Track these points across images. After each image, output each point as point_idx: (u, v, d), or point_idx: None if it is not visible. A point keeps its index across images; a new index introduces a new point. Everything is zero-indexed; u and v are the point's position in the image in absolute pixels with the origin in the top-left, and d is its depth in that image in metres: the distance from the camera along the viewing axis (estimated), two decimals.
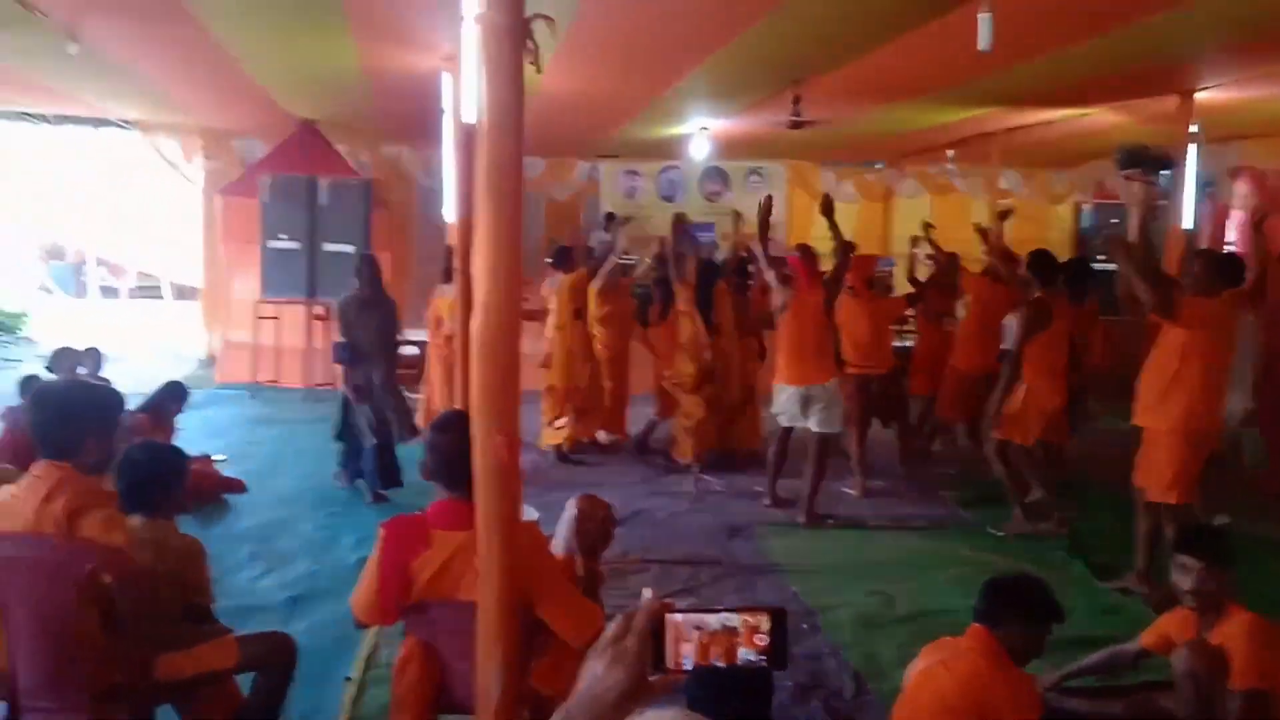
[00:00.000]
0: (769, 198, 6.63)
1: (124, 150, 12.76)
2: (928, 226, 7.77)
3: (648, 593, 1.11)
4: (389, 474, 6.36)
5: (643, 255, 9.26)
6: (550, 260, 7.72)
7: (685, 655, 1.07)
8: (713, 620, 1.09)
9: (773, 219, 6.23)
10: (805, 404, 6.01)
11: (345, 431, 6.46)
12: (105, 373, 6.51)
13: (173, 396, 6.39)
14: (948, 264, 7.31)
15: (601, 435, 7.89)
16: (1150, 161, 4.59)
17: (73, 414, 2.76)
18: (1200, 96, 7.36)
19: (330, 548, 5.42)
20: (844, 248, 6.04)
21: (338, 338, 6.43)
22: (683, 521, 6.08)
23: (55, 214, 15.54)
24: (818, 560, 5.44)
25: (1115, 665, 3.63)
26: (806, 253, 6.13)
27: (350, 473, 6.51)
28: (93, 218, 15.68)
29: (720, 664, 1.08)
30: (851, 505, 6.49)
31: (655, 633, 1.07)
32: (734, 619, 1.09)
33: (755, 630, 1.09)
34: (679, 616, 1.08)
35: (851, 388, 6.76)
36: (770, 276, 6.08)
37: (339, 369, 6.43)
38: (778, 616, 1.10)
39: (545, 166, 12.89)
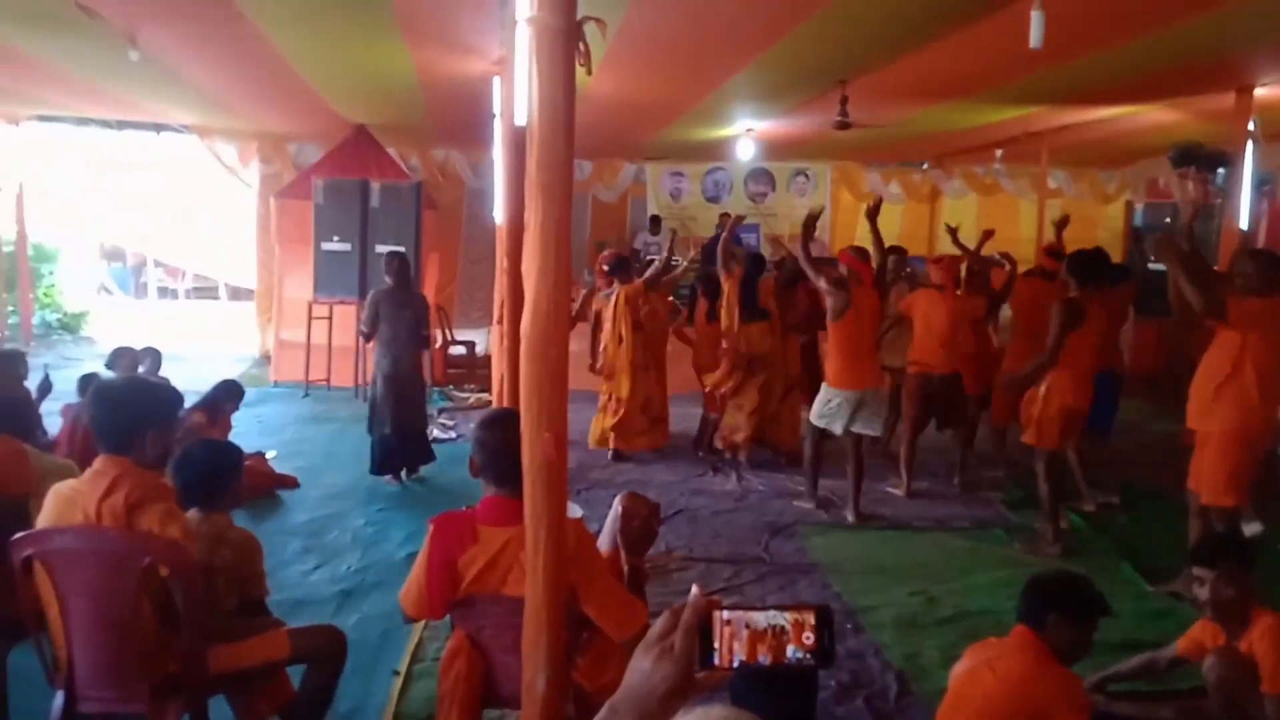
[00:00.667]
0: (820, 209, 6.63)
1: (182, 155, 13.05)
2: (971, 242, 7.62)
3: (695, 590, 1.10)
4: (424, 455, 6.81)
5: (684, 256, 9.25)
6: (608, 269, 7.68)
7: (733, 652, 1.07)
8: (760, 618, 1.07)
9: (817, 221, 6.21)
10: (858, 408, 5.93)
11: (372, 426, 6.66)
12: (163, 371, 6.65)
13: (228, 394, 6.52)
14: (981, 267, 7.24)
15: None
16: (1205, 159, 4.51)
17: (133, 410, 2.83)
18: (1260, 92, 7.18)
19: (379, 543, 5.50)
20: (884, 251, 6.17)
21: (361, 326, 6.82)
22: (725, 520, 6.07)
23: (115, 217, 15.89)
24: (860, 560, 5.42)
25: (1151, 671, 3.58)
26: (863, 254, 6.11)
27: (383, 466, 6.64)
28: (151, 221, 16.01)
29: (767, 662, 1.07)
30: (896, 506, 6.44)
31: (702, 629, 1.06)
32: (782, 617, 1.08)
33: (803, 628, 1.08)
34: (726, 613, 1.07)
35: (911, 386, 6.67)
36: (821, 282, 6.01)
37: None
38: (824, 615, 1.09)
39: (592, 168, 12.97)
